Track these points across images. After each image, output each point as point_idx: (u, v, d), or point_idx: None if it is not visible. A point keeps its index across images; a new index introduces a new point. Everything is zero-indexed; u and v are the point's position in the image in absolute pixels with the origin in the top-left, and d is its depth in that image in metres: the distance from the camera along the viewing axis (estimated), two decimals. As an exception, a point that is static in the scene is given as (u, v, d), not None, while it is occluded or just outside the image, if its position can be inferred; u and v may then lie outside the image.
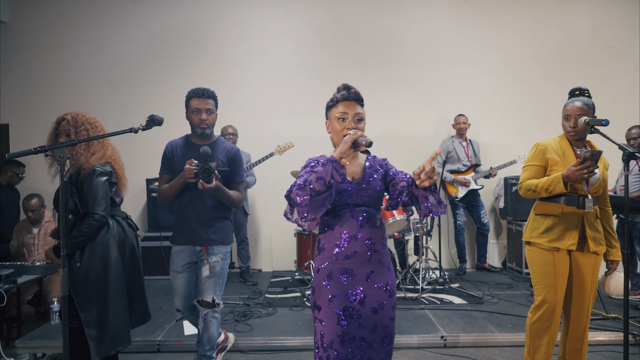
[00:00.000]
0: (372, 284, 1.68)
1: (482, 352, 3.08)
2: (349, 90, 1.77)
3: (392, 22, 5.39)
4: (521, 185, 2.40)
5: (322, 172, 1.54)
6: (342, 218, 1.70)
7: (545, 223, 2.34)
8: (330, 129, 1.80)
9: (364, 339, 1.65)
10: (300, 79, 5.34)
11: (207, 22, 5.32)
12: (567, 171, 2.14)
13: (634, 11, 5.42)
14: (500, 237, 5.46)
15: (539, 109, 5.33)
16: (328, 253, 1.69)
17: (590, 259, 2.32)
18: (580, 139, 2.33)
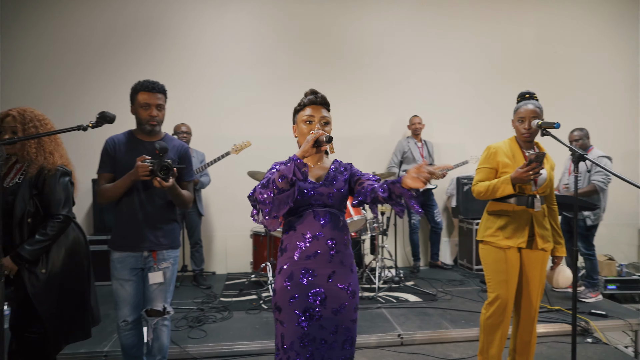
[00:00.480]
0: (334, 284, 1.67)
1: (438, 349, 3.15)
2: (315, 94, 1.81)
3: (350, 23, 5.41)
4: (474, 188, 2.50)
5: (284, 169, 1.55)
6: (305, 218, 1.70)
7: (498, 222, 2.44)
8: (297, 132, 1.82)
9: (324, 340, 1.64)
10: (258, 78, 5.24)
11: (162, 16, 5.09)
12: (515, 173, 2.24)
13: (575, 20, 5.75)
14: (452, 235, 5.62)
15: (489, 111, 5.54)
16: (290, 253, 1.69)
17: (538, 255, 2.43)
18: (530, 141, 2.44)
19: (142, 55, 5.05)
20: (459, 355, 3.03)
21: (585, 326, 3.35)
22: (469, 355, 3.00)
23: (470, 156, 5.04)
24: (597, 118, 5.63)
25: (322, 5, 5.35)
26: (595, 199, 3.85)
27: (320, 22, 5.36)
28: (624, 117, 5.83)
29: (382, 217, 4.49)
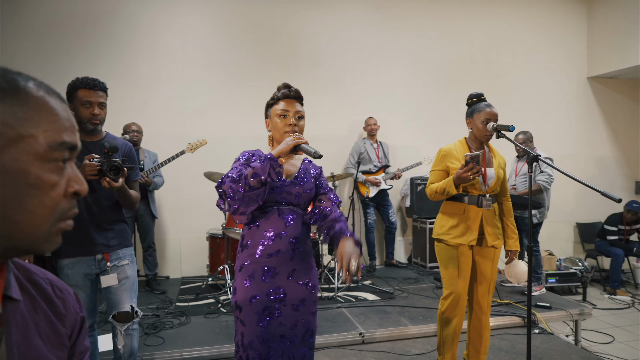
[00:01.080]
0: (294, 281, 1.69)
1: (398, 345, 3.22)
2: (289, 88, 1.80)
3: (305, 24, 5.42)
4: (427, 189, 2.60)
5: (259, 168, 1.54)
6: (270, 215, 1.69)
7: (450, 221, 2.54)
8: (270, 126, 1.80)
9: (284, 336, 1.67)
10: (213, 77, 5.11)
11: (113, 11, 4.83)
12: (456, 174, 2.34)
13: (518, 28, 6.11)
14: (406, 234, 5.78)
15: (441, 113, 5.75)
16: (251, 251, 1.68)
17: (489, 252, 2.55)
18: (484, 142, 2.55)
19: (92, 51, 4.78)
20: (418, 350, 3.11)
21: (533, 318, 3.56)
22: (427, 350, 3.10)
23: (424, 157, 5.21)
24: (538, 122, 6.00)
25: (277, 6, 5.32)
26: (540, 198, 4.10)
27: (275, 22, 5.33)
28: (562, 122, 6.26)
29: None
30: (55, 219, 0.58)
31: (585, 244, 6.02)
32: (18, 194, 0.54)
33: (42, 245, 0.58)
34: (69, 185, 0.60)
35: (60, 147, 0.57)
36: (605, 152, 6.42)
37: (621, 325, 4.20)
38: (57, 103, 0.59)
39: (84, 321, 0.75)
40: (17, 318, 0.63)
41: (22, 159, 0.55)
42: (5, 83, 0.56)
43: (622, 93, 6.47)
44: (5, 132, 0.54)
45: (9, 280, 0.62)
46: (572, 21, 6.32)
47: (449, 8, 5.86)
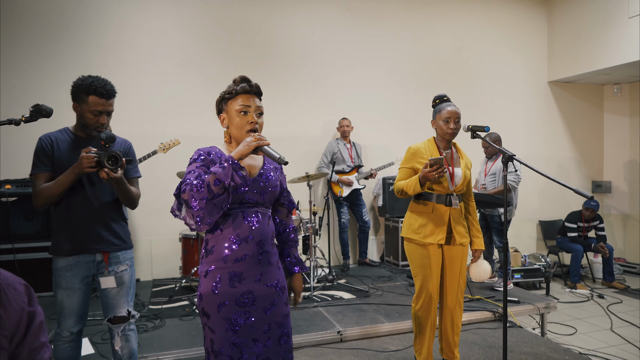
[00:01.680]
0: (262, 284, 1.64)
1: (376, 342, 3.27)
2: (249, 83, 1.70)
3: (278, 25, 5.40)
4: (394, 187, 2.64)
5: (221, 174, 1.46)
6: (233, 219, 1.61)
7: (419, 221, 2.58)
8: (226, 122, 1.69)
9: (257, 340, 1.61)
10: (186, 76, 5.02)
11: (82, 6, 4.66)
12: (421, 173, 2.40)
13: (485, 32, 6.32)
14: (379, 233, 5.87)
15: (413, 114, 5.87)
16: (217, 256, 1.59)
17: (457, 250, 2.61)
18: (451, 140, 2.62)
19: (62, 49, 4.59)
20: (395, 347, 3.17)
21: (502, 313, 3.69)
22: (404, 347, 3.16)
23: (396, 158, 5.31)
24: (502, 124, 6.22)
25: (251, 6, 5.29)
26: (509, 197, 4.26)
27: (249, 22, 5.29)
28: (525, 123, 6.52)
29: (314, 217, 4.55)
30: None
31: (547, 241, 6.29)
32: None
33: None
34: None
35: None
36: (564, 153, 6.74)
37: (582, 318, 4.42)
38: None
39: (34, 316, 0.69)
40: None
41: None
42: None
43: (581, 97, 6.82)
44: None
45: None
46: (533, 27, 6.59)
47: (418, 11, 6.00)
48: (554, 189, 6.39)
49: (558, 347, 3.25)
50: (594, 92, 6.88)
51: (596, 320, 4.35)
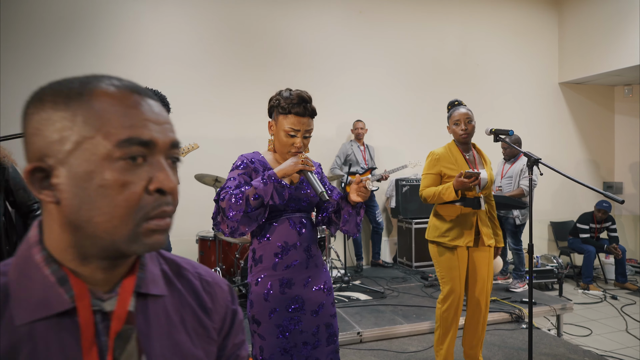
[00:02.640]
0: (310, 288, 1.67)
1: (395, 343, 3.30)
2: (305, 105, 1.62)
3: (291, 26, 5.45)
4: (421, 193, 2.65)
5: (261, 189, 1.49)
6: (280, 226, 1.64)
7: (446, 224, 2.59)
8: (273, 131, 1.69)
9: (306, 343, 1.64)
10: (198, 78, 5.07)
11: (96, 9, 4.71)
12: (455, 182, 2.43)
13: (494, 33, 6.34)
14: (391, 235, 5.90)
15: (425, 117, 5.90)
16: (266, 264, 1.64)
17: (485, 252, 2.63)
18: (467, 142, 2.65)
19: (76, 50, 4.65)
20: (415, 348, 3.20)
21: (519, 314, 3.72)
22: (424, 347, 3.19)
23: (409, 161, 5.32)
24: (512, 125, 6.23)
25: (261, 8, 5.33)
26: (524, 201, 4.29)
27: (260, 24, 5.34)
28: (535, 125, 6.54)
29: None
30: (139, 219, 0.56)
31: (559, 242, 6.31)
32: (90, 196, 0.54)
33: (129, 245, 0.56)
34: (151, 183, 0.56)
35: (124, 144, 0.54)
36: (575, 155, 6.75)
37: (597, 319, 4.44)
38: (123, 100, 0.57)
39: (236, 313, 0.75)
40: (159, 313, 0.64)
41: (88, 161, 0.54)
42: (79, 85, 0.57)
43: (591, 98, 6.82)
44: (69, 136, 0.54)
45: (141, 279, 0.63)
46: (544, 29, 6.61)
47: (428, 12, 6.02)
48: (565, 190, 6.40)
49: (577, 348, 3.27)
50: (605, 93, 6.89)
51: (610, 321, 4.37)
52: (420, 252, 5.32)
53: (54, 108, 0.55)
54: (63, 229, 0.57)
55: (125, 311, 0.59)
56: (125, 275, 0.62)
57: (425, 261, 5.31)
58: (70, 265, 0.58)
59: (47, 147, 0.55)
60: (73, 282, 0.57)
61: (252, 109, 5.17)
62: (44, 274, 0.57)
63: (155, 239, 0.58)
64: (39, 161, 0.55)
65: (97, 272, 0.59)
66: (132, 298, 0.61)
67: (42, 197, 0.56)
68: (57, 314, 0.56)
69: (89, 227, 0.55)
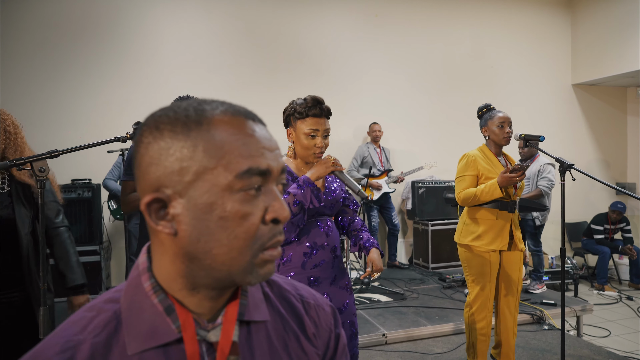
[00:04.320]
0: (335, 286, 1.78)
1: (420, 345, 3.34)
2: (320, 106, 1.73)
3: (307, 30, 5.49)
4: (459, 196, 2.63)
5: (300, 195, 1.60)
6: (310, 229, 1.74)
7: (480, 228, 2.59)
8: (293, 138, 1.79)
9: None
10: (216, 82, 5.11)
11: (116, 15, 4.77)
12: (501, 178, 2.43)
13: (508, 35, 6.37)
14: (407, 236, 5.94)
15: (440, 120, 5.94)
16: (295, 263, 1.72)
17: (517, 256, 2.65)
18: (503, 146, 2.67)
19: (98, 57, 4.71)
20: (440, 349, 3.24)
21: (540, 315, 3.76)
22: (449, 349, 3.23)
23: (425, 162, 5.36)
24: (527, 127, 6.26)
25: (279, 11, 5.38)
26: (543, 202, 4.32)
27: (278, 28, 5.38)
28: (548, 127, 6.56)
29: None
30: (256, 249, 0.56)
31: (572, 243, 6.34)
32: (210, 228, 0.54)
33: (245, 277, 0.56)
34: (267, 212, 0.56)
35: (245, 175, 0.54)
36: (588, 156, 6.78)
37: (614, 320, 4.47)
38: (241, 128, 0.56)
39: (339, 338, 0.72)
40: (262, 340, 0.63)
41: (209, 192, 0.53)
42: (194, 113, 0.55)
43: (605, 100, 6.85)
44: (190, 166, 0.53)
45: (244, 306, 0.62)
46: (556, 30, 6.64)
47: (443, 15, 6.06)
48: (579, 191, 6.43)
49: (601, 349, 3.31)
50: (618, 94, 6.91)
51: (628, 322, 4.40)
52: (437, 253, 5.36)
53: (173, 137, 0.54)
54: (176, 258, 0.57)
55: (230, 342, 0.59)
56: (227, 302, 0.61)
57: (441, 262, 5.35)
58: (178, 295, 0.58)
59: (166, 177, 0.54)
60: (179, 312, 0.57)
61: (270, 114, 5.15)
62: (153, 302, 0.57)
63: (268, 269, 0.58)
64: (157, 192, 0.55)
65: (204, 302, 0.59)
66: (235, 327, 0.60)
67: (159, 229, 0.55)
68: (165, 344, 0.56)
69: (207, 259, 0.55)
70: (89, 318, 0.57)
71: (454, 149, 4.72)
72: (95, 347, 0.55)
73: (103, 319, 0.57)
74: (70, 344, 0.54)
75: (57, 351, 0.54)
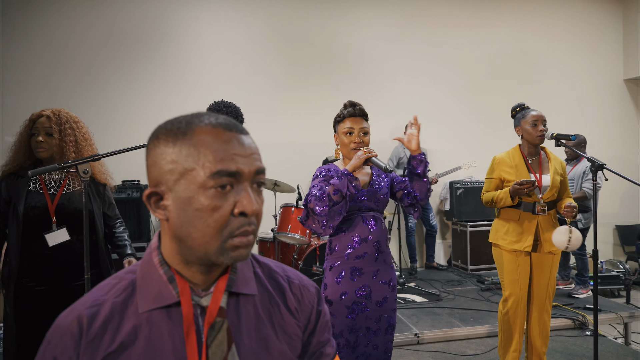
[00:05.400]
0: (378, 280, 1.89)
1: (452, 346, 3.33)
2: (354, 107, 1.95)
3: (346, 32, 5.57)
4: (482, 197, 2.72)
5: (338, 184, 1.75)
6: (354, 222, 1.90)
7: (505, 227, 2.62)
8: (338, 141, 2.00)
9: (369, 328, 1.88)
10: (254, 85, 5.31)
11: (159, 23, 5.08)
12: (512, 188, 2.46)
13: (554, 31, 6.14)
14: (445, 237, 5.87)
15: (478, 119, 5.83)
16: (340, 253, 1.89)
17: (547, 258, 2.60)
18: (539, 145, 2.63)
19: (139, 61, 5.03)
20: (473, 351, 3.22)
21: (583, 320, 3.62)
22: (482, 351, 3.20)
23: (463, 162, 5.28)
24: (575, 125, 6.00)
25: (316, 14, 5.49)
26: (586, 204, 4.15)
27: (315, 31, 5.50)
28: (599, 124, 6.26)
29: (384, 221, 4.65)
30: (225, 236, 0.68)
31: (626, 247, 6.00)
32: (189, 217, 0.67)
33: (218, 257, 0.68)
34: (235, 207, 0.68)
35: (216, 175, 0.66)
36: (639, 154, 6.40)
37: (668, 328, 4.21)
38: (217, 137, 0.68)
39: (321, 314, 0.84)
40: (249, 310, 0.77)
41: (188, 189, 0.67)
42: (184, 125, 0.69)
43: (661, 95, 6.44)
44: (175, 168, 0.68)
45: (232, 280, 0.76)
46: (607, 23, 6.32)
47: (483, 13, 5.94)
48: (633, 192, 6.08)
49: (646, 357, 3.15)
50: (675, 89, 6.47)
51: (685, 331, 4.13)
52: (476, 255, 5.27)
53: (166, 145, 0.69)
54: (172, 240, 0.72)
55: (217, 306, 0.72)
56: (220, 277, 0.75)
57: (481, 264, 5.26)
58: (177, 268, 0.73)
59: (161, 176, 0.69)
60: (178, 281, 0.72)
61: (309, 114, 5.36)
62: (159, 273, 0.73)
63: (239, 253, 0.69)
64: (155, 187, 0.70)
65: (196, 274, 0.73)
66: (224, 296, 0.74)
67: (157, 215, 0.71)
68: (168, 305, 0.71)
69: (189, 241, 0.69)
70: (113, 284, 0.75)
71: (493, 148, 4.61)
72: (115, 305, 0.72)
73: (123, 285, 0.74)
74: (97, 302, 0.72)
75: (87, 306, 0.71)
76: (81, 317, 0.70)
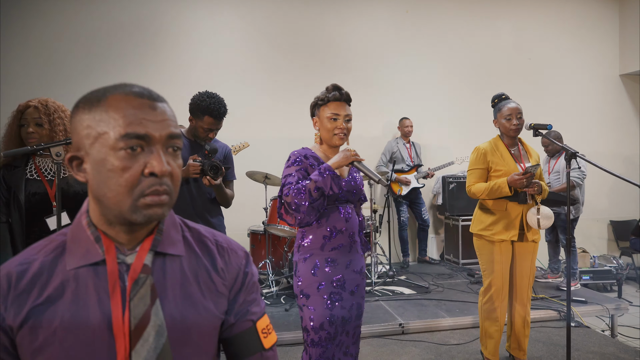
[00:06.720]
0: (350, 270, 1.88)
1: (437, 336, 3.36)
2: (340, 91, 1.88)
3: (339, 27, 5.61)
4: (470, 189, 2.66)
5: (320, 182, 1.71)
6: (331, 213, 1.84)
7: (491, 218, 2.62)
8: (318, 125, 1.92)
9: (344, 318, 1.86)
10: (251, 81, 5.36)
11: (157, 20, 5.14)
12: (511, 179, 2.44)
13: (549, 27, 6.14)
14: (439, 232, 5.89)
15: (472, 114, 5.84)
16: (315, 245, 1.83)
17: (529, 247, 2.64)
18: (516, 137, 2.65)
19: (138, 58, 5.09)
20: (456, 341, 3.25)
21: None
22: (465, 341, 3.23)
23: (456, 157, 5.31)
24: (570, 120, 6.01)
25: (311, 9, 5.53)
26: (575, 194, 4.16)
27: (310, 26, 5.54)
28: (595, 119, 6.25)
29: (374, 215, 4.69)
30: (137, 195, 0.72)
31: (620, 242, 5.99)
32: (103, 177, 0.72)
33: (132, 215, 0.73)
34: (146, 167, 0.72)
35: (124, 138, 0.71)
36: (636, 150, 6.37)
37: (659, 322, 4.21)
38: (128, 103, 0.73)
39: (247, 275, 0.89)
40: (175, 269, 0.81)
41: (101, 151, 0.72)
42: (101, 95, 0.74)
43: (657, 90, 6.41)
44: (90, 132, 0.73)
45: (158, 240, 0.80)
46: (603, 19, 6.31)
47: (478, 8, 5.95)
48: (626, 187, 6.07)
49: (629, 348, 3.17)
50: (672, 84, 6.45)
51: (675, 325, 4.13)
52: (468, 249, 5.29)
53: (83, 112, 0.74)
54: (93, 201, 0.77)
55: (141, 264, 0.77)
56: (146, 237, 0.80)
57: (472, 258, 5.27)
58: (102, 228, 0.78)
59: (80, 141, 0.75)
60: (104, 240, 0.77)
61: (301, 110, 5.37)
62: (87, 234, 0.78)
63: (152, 212, 0.74)
64: (76, 151, 0.76)
65: (120, 234, 0.77)
66: (149, 255, 0.79)
67: (78, 177, 0.76)
68: (94, 263, 0.76)
69: (105, 200, 0.74)
70: (44, 245, 0.80)
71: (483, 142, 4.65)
72: (44, 263, 0.77)
73: (53, 245, 0.80)
74: (27, 260, 0.77)
75: (16, 264, 0.77)
76: (10, 274, 0.75)
